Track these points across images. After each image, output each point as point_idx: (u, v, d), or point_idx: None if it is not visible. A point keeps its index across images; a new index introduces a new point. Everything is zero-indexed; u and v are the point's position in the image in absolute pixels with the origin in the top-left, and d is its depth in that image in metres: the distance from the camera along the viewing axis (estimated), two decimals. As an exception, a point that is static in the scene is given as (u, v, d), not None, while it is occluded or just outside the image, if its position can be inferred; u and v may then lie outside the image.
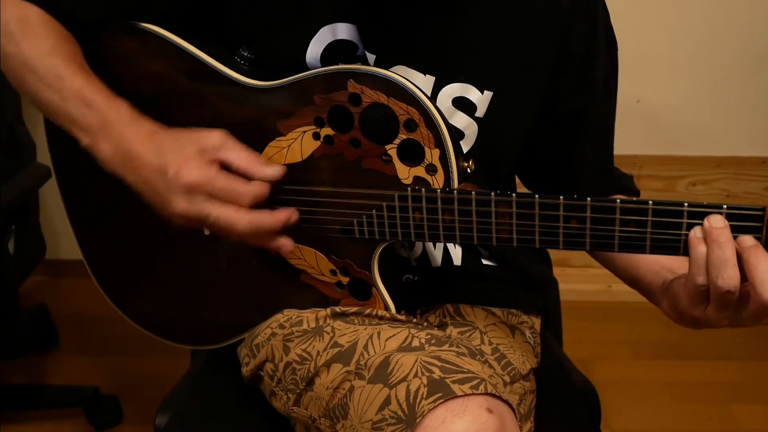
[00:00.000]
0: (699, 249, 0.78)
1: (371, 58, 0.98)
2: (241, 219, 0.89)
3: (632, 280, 1.00)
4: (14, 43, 0.95)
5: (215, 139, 0.91)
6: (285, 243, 0.95)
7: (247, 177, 0.91)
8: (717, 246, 0.76)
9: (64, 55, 0.95)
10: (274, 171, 0.92)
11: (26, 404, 1.99)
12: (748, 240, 0.77)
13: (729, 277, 0.76)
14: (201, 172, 0.88)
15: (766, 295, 0.74)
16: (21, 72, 0.96)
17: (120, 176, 0.93)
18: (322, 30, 0.98)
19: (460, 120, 1.01)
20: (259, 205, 0.91)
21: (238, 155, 0.91)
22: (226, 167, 0.91)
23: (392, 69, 0.97)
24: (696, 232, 0.78)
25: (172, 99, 1.00)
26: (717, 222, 0.77)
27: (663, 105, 2.39)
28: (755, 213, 0.77)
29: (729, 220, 0.77)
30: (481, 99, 1.00)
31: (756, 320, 0.79)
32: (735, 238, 0.77)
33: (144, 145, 0.91)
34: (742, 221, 0.78)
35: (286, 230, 0.95)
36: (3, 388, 2.02)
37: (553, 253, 1.16)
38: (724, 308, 0.79)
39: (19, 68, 0.96)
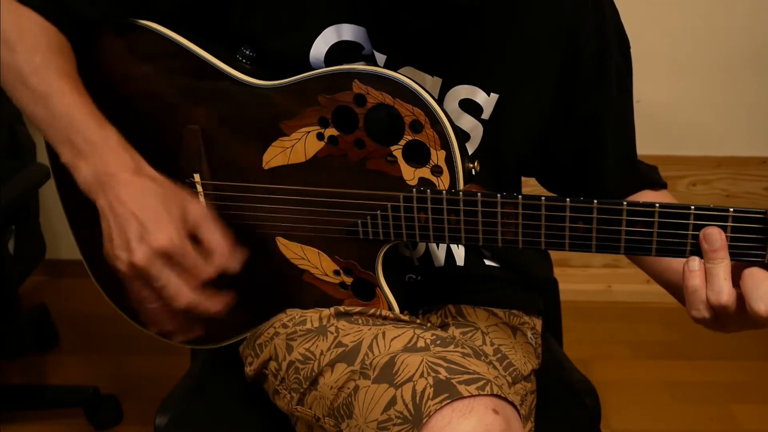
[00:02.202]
0: (693, 282, 0.80)
1: (381, 58, 0.98)
2: (184, 297, 0.88)
3: (661, 281, 1.02)
4: (10, 51, 0.93)
5: (200, 211, 0.90)
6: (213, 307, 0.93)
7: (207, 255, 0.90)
8: (712, 280, 0.79)
9: (56, 70, 0.93)
10: (234, 266, 0.91)
11: (26, 404, 1.99)
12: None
13: (726, 303, 0.78)
14: (176, 241, 0.86)
15: (760, 309, 0.76)
16: (13, 83, 0.93)
17: (91, 198, 0.90)
18: (326, 30, 0.97)
19: (467, 122, 1.00)
20: (260, 201, 0.93)
21: (212, 236, 0.90)
22: (194, 237, 0.90)
23: (401, 70, 0.97)
24: (692, 264, 0.80)
25: (173, 98, 1.00)
26: (714, 243, 0.79)
27: (663, 105, 2.39)
28: (758, 216, 0.78)
29: (734, 222, 0.78)
30: (487, 101, 1.00)
31: (754, 325, 0.81)
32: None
33: (128, 182, 0.88)
34: (746, 223, 0.78)
35: (290, 233, 0.94)
36: (3, 388, 2.02)
37: (554, 253, 1.16)
38: (722, 319, 0.81)
39: (11, 79, 0.93)
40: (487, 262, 1.11)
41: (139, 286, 0.89)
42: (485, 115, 1.00)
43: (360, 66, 0.92)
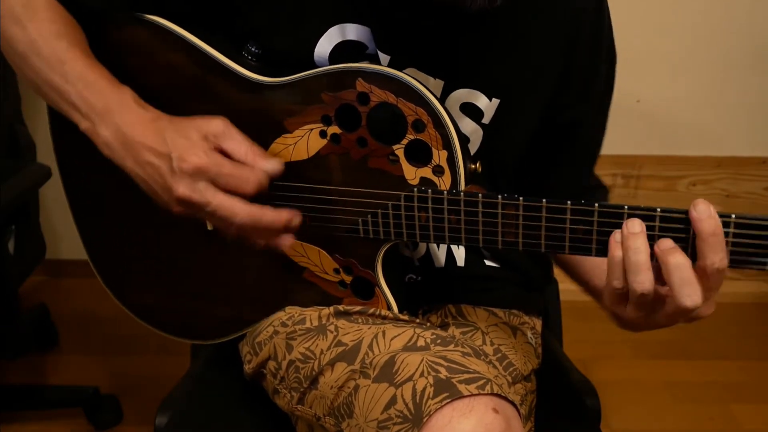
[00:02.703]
0: (615, 253, 0.80)
1: (385, 58, 0.98)
2: (241, 210, 0.89)
3: (582, 282, 1.04)
4: (20, 25, 0.95)
5: (217, 126, 0.91)
6: (284, 240, 0.95)
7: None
8: (632, 252, 0.78)
9: (69, 39, 0.95)
10: (273, 164, 0.92)
11: (26, 404, 1.99)
12: (666, 242, 0.78)
13: (641, 282, 0.78)
14: (206, 157, 0.88)
15: (682, 298, 0.76)
16: (25, 54, 0.95)
17: (118, 162, 0.92)
18: (331, 30, 0.97)
19: (467, 125, 1.00)
20: (262, 195, 0.91)
21: (239, 145, 0.91)
22: (225, 155, 0.91)
23: (403, 71, 0.98)
24: (615, 236, 0.80)
25: (177, 92, 1.00)
26: (634, 227, 0.79)
27: (663, 105, 2.40)
28: (680, 216, 0.79)
29: (661, 222, 0.79)
30: (488, 106, 1.00)
31: (671, 320, 0.81)
32: (657, 238, 0.79)
33: (146, 130, 0.90)
34: (669, 223, 0.79)
35: (290, 230, 0.95)
36: (3, 388, 2.02)
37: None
38: (641, 308, 0.81)
39: (23, 51, 0.95)
40: (488, 263, 1.11)
41: (209, 219, 0.92)
42: (486, 120, 1.01)
43: (364, 64, 0.92)
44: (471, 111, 1.00)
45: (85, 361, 2.19)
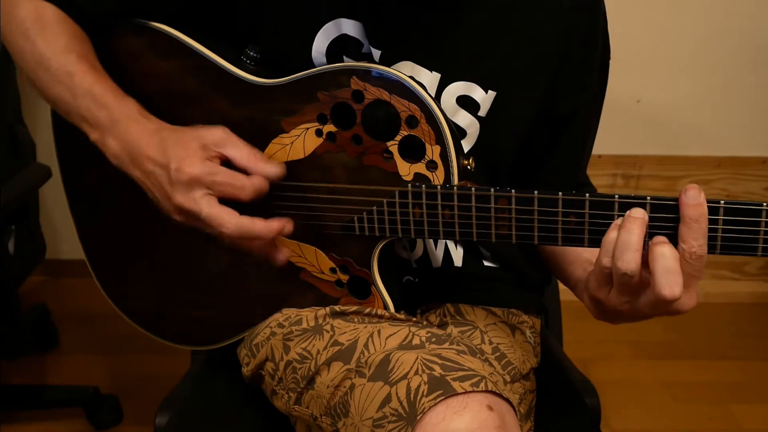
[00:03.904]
0: (611, 233, 0.81)
1: (376, 53, 0.99)
2: (229, 222, 0.90)
3: (564, 274, 1.04)
4: (29, 40, 0.97)
5: (217, 135, 0.92)
6: (280, 254, 0.96)
7: (247, 173, 0.92)
8: (626, 231, 0.79)
9: (76, 53, 0.97)
10: (273, 169, 0.93)
11: (26, 404, 1.98)
12: (660, 238, 0.79)
13: (628, 261, 0.78)
14: (202, 166, 0.89)
15: (663, 289, 0.77)
16: (34, 68, 0.98)
17: (126, 171, 0.95)
18: (326, 25, 0.98)
19: (463, 118, 1.01)
20: (260, 200, 0.92)
21: (239, 151, 0.92)
22: (227, 163, 0.92)
23: (399, 65, 0.98)
24: (617, 221, 0.81)
25: (178, 96, 1.01)
26: (637, 213, 0.80)
27: (663, 105, 2.40)
28: (669, 203, 0.80)
29: (651, 211, 0.80)
30: (484, 98, 1.00)
31: (653, 309, 0.81)
32: (652, 235, 0.80)
33: (149, 141, 0.92)
34: (660, 212, 0.80)
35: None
36: (3, 388, 2.02)
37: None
38: (624, 292, 0.82)
39: (32, 64, 0.98)
40: (486, 263, 1.11)
41: (204, 227, 0.92)
42: (482, 112, 1.01)
43: (358, 63, 0.92)
44: (467, 103, 1.00)
45: (85, 361, 2.19)
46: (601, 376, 2.07)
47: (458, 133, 1.00)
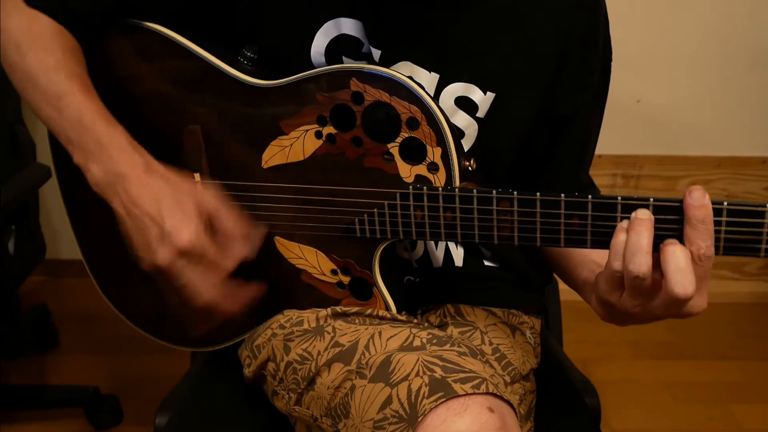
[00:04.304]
0: (619, 236, 0.80)
1: (376, 53, 0.98)
2: (204, 295, 0.90)
3: (570, 276, 1.04)
4: (20, 53, 0.94)
5: (211, 199, 0.91)
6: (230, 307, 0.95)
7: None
8: (635, 234, 0.79)
9: (66, 71, 0.94)
10: (247, 252, 0.92)
11: (26, 404, 1.98)
12: (670, 240, 0.80)
13: (639, 263, 0.78)
14: (197, 239, 0.87)
15: (676, 288, 0.77)
16: (24, 83, 0.95)
17: (106, 199, 0.91)
18: (326, 24, 0.98)
19: (462, 119, 1.01)
20: (259, 202, 0.93)
21: (229, 224, 0.91)
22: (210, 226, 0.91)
23: (398, 65, 0.98)
24: (623, 223, 0.81)
25: (175, 98, 1.00)
26: (642, 214, 0.80)
27: (663, 105, 2.40)
28: (673, 205, 0.80)
29: (655, 213, 0.80)
30: (483, 99, 1.00)
31: (666, 310, 0.81)
32: (658, 236, 0.80)
33: (139, 182, 0.89)
34: (664, 213, 0.80)
35: (288, 232, 0.95)
36: (3, 388, 2.01)
37: (554, 253, 1.16)
38: (636, 295, 0.81)
39: (22, 80, 0.95)
40: (486, 263, 1.11)
41: (162, 282, 0.91)
42: (480, 113, 1.01)
43: (357, 64, 0.92)
44: (466, 104, 1.00)
45: (85, 361, 2.19)
46: (601, 376, 2.07)
47: (458, 134, 1.00)
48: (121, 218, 0.90)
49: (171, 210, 0.87)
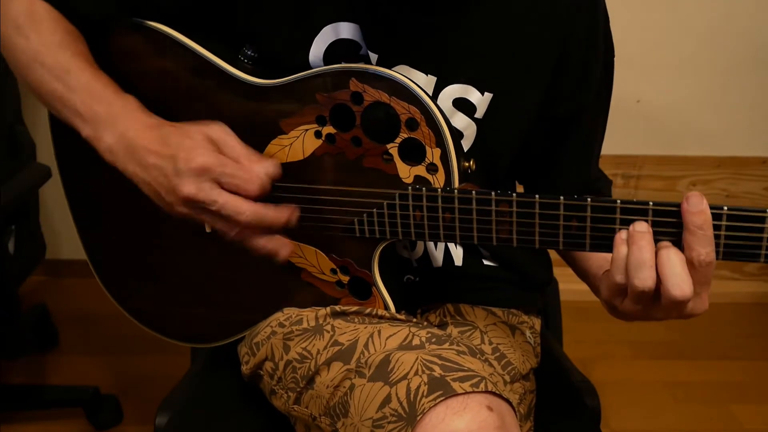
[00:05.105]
0: (621, 249, 0.81)
1: (373, 57, 0.99)
2: (246, 208, 0.89)
3: (586, 272, 1.05)
4: (23, 35, 0.96)
5: (218, 130, 0.92)
6: (283, 250, 0.95)
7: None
8: (637, 248, 0.79)
9: (72, 50, 0.96)
10: (270, 167, 0.92)
11: (26, 404, 1.98)
12: (663, 243, 0.80)
13: (644, 278, 0.79)
14: (211, 156, 0.88)
15: (673, 290, 0.78)
16: (28, 64, 0.96)
17: (120, 167, 0.93)
18: (325, 29, 0.98)
19: (460, 120, 1.01)
20: (263, 196, 0.92)
21: (239, 150, 0.92)
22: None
23: (394, 69, 0.98)
24: (621, 234, 0.81)
25: (175, 96, 1.00)
26: (641, 227, 0.80)
27: (663, 105, 2.40)
28: (671, 209, 0.80)
29: (654, 216, 0.80)
30: (481, 100, 1.00)
31: (667, 313, 0.82)
32: (657, 242, 0.80)
33: (150, 135, 0.91)
34: (662, 217, 0.80)
35: (288, 231, 0.95)
36: (3, 388, 2.02)
37: (553, 253, 1.16)
38: (639, 302, 0.82)
39: (26, 60, 0.96)
40: (486, 262, 1.11)
41: (211, 220, 0.91)
42: (479, 114, 1.01)
43: (357, 64, 0.92)
44: (464, 106, 1.00)
45: (85, 361, 2.19)
46: (601, 376, 2.07)
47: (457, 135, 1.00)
48: (139, 179, 0.92)
49: (180, 143, 0.89)
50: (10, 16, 0.97)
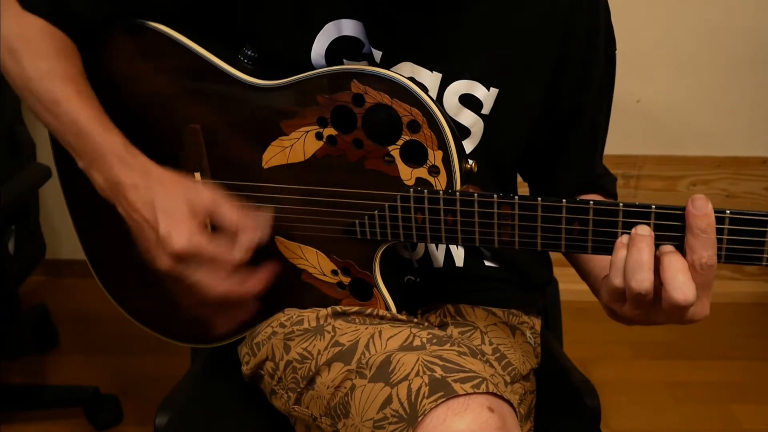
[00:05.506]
0: (620, 252, 0.81)
1: (377, 54, 0.98)
2: (216, 287, 0.90)
3: (588, 274, 1.04)
4: (15, 59, 0.95)
5: (206, 198, 0.91)
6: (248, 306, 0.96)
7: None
8: (636, 250, 0.79)
9: (61, 76, 0.94)
10: (256, 238, 0.92)
11: (26, 404, 1.98)
12: (667, 247, 0.80)
13: (641, 280, 0.78)
14: (190, 240, 0.87)
15: (675, 294, 0.77)
16: (21, 89, 0.96)
17: (112, 202, 0.93)
18: (327, 26, 0.98)
19: (467, 117, 1.01)
20: (260, 201, 0.93)
21: (228, 218, 0.91)
22: (213, 224, 0.91)
23: (399, 66, 0.98)
24: (623, 239, 0.81)
25: (176, 97, 1.00)
26: (642, 230, 0.80)
27: (663, 105, 2.39)
28: (675, 212, 0.79)
29: (656, 219, 0.80)
30: (487, 96, 1.00)
31: (668, 317, 0.82)
32: (658, 246, 0.80)
33: (134, 195, 0.90)
34: (665, 220, 0.80)
35: (289, 233, 0.95)
36: (3, 388, 2.01)
37: (554, 253, 1.16)
38: (638, 307, 0.82)
39: (20, 85, 0.95)
40: (487, 263, 1.11)
41: (173, 284, 0.92)
42: (485, 110, 1.01)
43: (358, 66, 0.92)
44: (470, 102, 1.00)
45: (85, 361, 2.19)
46: (601, 376, 2.07)
47: (462, 132, 1.00)
48: (126, 221, 0.92)
49: (164, 215, 0.88)
50: (4, 37, 0.95)
